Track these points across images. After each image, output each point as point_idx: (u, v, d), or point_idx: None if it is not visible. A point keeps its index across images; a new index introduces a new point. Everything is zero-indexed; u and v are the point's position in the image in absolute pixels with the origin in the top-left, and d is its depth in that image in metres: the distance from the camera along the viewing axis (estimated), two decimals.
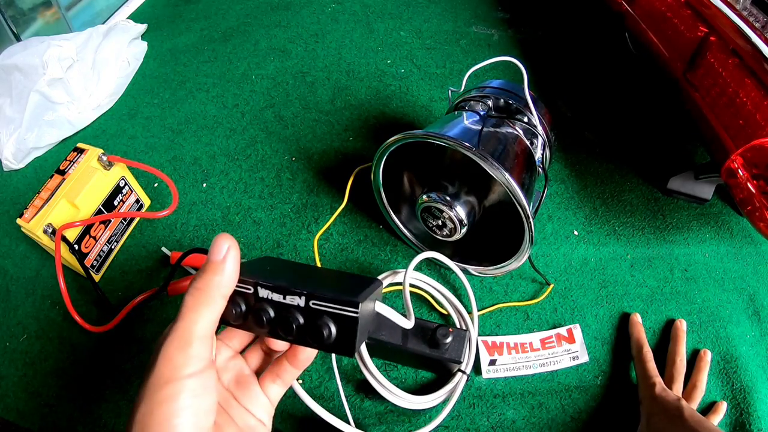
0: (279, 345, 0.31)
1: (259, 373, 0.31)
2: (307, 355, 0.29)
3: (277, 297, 0.25)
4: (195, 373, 0.23)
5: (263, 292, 0.26)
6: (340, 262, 0.61)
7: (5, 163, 0.71)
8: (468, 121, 0.53)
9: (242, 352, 0.31)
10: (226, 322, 0.27)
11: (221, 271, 0.25)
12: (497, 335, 0.55)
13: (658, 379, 0.50)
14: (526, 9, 0.97)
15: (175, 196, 0.63)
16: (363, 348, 0.49)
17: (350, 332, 0.25)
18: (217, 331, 0.27)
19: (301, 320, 0.25)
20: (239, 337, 0.31)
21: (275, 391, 0.31)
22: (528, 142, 0.54)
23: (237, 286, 0.26)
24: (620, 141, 0.74)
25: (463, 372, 0.49)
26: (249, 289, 0.26)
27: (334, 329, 0.25)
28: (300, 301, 0.25)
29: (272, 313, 0.26)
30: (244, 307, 0.26)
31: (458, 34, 0.91)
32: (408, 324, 0.33)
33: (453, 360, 0.47)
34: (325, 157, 0.72)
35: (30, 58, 0.69)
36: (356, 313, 0.24)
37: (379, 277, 0.54)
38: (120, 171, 0.60)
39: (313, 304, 0.25)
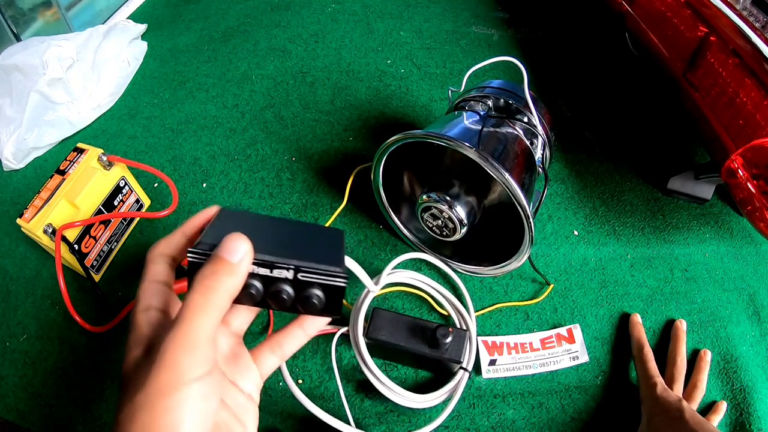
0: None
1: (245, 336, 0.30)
2: (320, 322, 0.29)
3: (264, 271, 0.25)
4: (202, 376, 0.22)
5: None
6: None
7: (5, 163, 0.71)
8: (468, 121, 0.53)
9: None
10: None
11: (235, 274, 0.24)
12: (497, 335, 0.55)
13: (659, 379, 0.50)
14: (526, 9, 0.97)
15: (175, 196, 0.63)
16: (363, 347, 0.49)
17: (338, 298, 0.26)
18: None
19: (291, 292, 0.25)
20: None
21: (271, 362, 0.29)
22: (528, 142, 0.54)
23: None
24: (620, 141, 0.74)
25: (465, 369, 0.49)
26: None
27: (323, 297, 0.26)
28: (288, 274, 0.25)
29: (261, 287, 0.25)
30: None
31: (458, 34, 0.91)
32: (374, 287, 0.34)
33: (453, 360, 0.47)
34: (325, 157, 0.72)
35: (30, 58, 0.69)
36: (345, 282, 0.25)
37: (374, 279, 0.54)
38: (120, 171, 0.60)
39: (302, 276, 0.25)
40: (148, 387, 0.21)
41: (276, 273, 0.25)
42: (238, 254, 0.24)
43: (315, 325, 0.29)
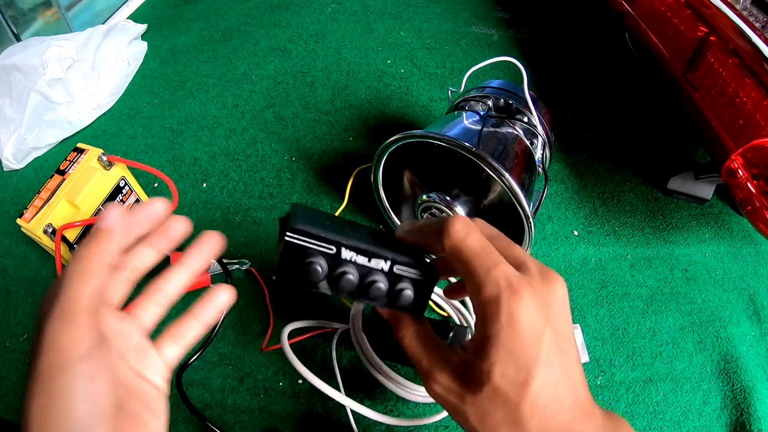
0: (173, 288, 0.29)
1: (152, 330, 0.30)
2: (218, 307, 0.29)
3: (362, 260, 0.25)
4: (87, 353, 0.21)
5: (347, 254, 0.25)
6: None
7: (5, 163, 0.71)
8: (468, 121, 0.53)
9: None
10: (304, 284, 0.25)
11: (106, 239, 0.24)
12: None
13: (506, 267, 0.26)
14: (526, 9, 0.97)
15: (175, 196, 0.62)
16: (365, 342, 0.49)
17: (425, 296, 0.26)
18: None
19: (386, 285, 0.25)
20: (119, 293, 0.28)
21: (173, 351, 0.29)
22: (528, 142, 0.54)
23: (317, 245, 0.24)
24: (620, 141, 0.74)
25: None
26: (331, 249, 0.24)
27: (411, 294, 0.26)
28: (385, 266, 0.25)
29: (357, 275, 0.25)
30: (325, 268, 0.25)
31: (458, 34, 0.91)
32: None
33: None
34: (325, 157, 0.72)
35: (30, 58, 0.69)
36: (436, 279, 0.26)
37: None
38: (120, 171, 0.60)
39: (397, 269, 0.25)
40: (37, 373, 0.21)
41: (373, 263, 0.25)
42: (109, 220, 0.24)
43: (208, 313, 0.30)
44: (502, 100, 0.57)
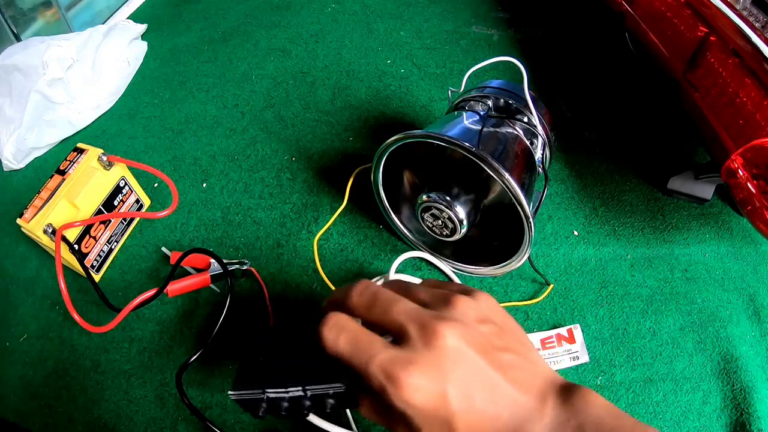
0: None
1: None
2: None
3: (282, 394, 0.34)
4: None
5: (271, 394, 0.34)
6: (340, 262, 0.61)
7: (5, 163, 0.71)
8: (468, 121, 0.53)
9: None
10: (256, 416, 0.35)
11: None
12: None
13: (380, 357, 0.27)
14: (526, 9, 0.97)
15: (175, 196, 0.63)
16: None
17: (347, 397, 0.33)
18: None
19: (309, 403, 0.33)
20: None
21: None
22: (528, 142, 0.54)
23: (251, 394, 0.34)
24: (620, 141, 0.74)
25: None
26: (261, 394, 0.34)
27: (333, 402, 0.33)
28: (301, 392, 0.33)
29: (287, 404, 0.34)
30: (264, 405, 0.34)
31: (458, 34, 0.91)
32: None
33: None
34: (325, 157, 0.72)
35: (30, 58, 0.69)
36: (342, 388, 0.32)
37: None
38: (120, 171, 0.60)
39: (310, 390, 0.33)
40: None
41: (291, 392, 0.33)
42: None
43: None
44: (502, 100, 0.57)
